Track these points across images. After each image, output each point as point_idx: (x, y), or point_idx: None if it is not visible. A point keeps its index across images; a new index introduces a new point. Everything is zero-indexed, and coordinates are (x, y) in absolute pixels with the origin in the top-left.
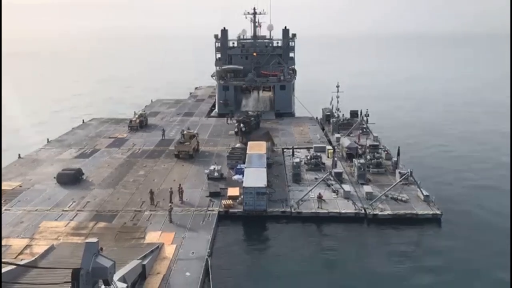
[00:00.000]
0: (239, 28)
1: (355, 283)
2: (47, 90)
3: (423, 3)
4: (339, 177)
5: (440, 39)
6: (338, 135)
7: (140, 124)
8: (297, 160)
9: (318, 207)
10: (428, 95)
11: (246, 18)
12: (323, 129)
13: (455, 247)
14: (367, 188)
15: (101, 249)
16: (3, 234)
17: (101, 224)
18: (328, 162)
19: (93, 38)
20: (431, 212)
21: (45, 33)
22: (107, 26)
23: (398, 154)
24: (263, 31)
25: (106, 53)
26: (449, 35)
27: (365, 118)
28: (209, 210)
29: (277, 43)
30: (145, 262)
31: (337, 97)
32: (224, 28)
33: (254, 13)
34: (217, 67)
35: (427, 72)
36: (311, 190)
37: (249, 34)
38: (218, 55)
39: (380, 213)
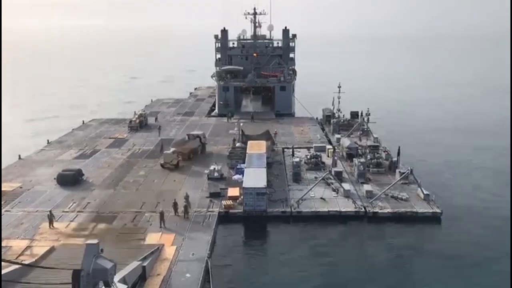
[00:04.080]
0: (239, 28)
1: (355, 281)
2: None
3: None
4: (339, 176)
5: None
6: (338, 136)
7: (140, 124)
8: (297, 159)
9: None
10: (427, 95)
11: (246, 18)
12: (323, 130)
13: (455, 245)
14: (367, 187)
15: (102, 250)
16: (3, 235)
17: (102, 226)
18: (328, 161)
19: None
20: (431, 211)
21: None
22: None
23: (398, 154)
24: (263, 31)
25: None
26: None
27: (365, 118)
28: (209, 211)
29: (278, 43)
30: (145, 264)
31: (338, 97)
32: (224, 28)
33: (254, 13)
34: (217, 68)
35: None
36: (311, 189)
37: (249, 34)
38: (218, 56)
39: (380, 211)
